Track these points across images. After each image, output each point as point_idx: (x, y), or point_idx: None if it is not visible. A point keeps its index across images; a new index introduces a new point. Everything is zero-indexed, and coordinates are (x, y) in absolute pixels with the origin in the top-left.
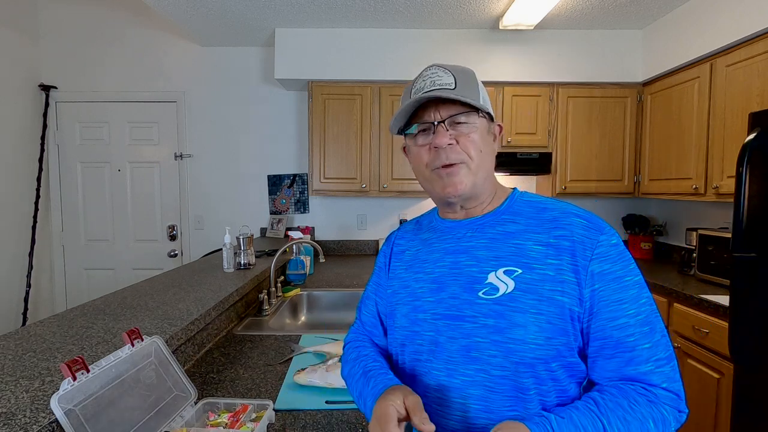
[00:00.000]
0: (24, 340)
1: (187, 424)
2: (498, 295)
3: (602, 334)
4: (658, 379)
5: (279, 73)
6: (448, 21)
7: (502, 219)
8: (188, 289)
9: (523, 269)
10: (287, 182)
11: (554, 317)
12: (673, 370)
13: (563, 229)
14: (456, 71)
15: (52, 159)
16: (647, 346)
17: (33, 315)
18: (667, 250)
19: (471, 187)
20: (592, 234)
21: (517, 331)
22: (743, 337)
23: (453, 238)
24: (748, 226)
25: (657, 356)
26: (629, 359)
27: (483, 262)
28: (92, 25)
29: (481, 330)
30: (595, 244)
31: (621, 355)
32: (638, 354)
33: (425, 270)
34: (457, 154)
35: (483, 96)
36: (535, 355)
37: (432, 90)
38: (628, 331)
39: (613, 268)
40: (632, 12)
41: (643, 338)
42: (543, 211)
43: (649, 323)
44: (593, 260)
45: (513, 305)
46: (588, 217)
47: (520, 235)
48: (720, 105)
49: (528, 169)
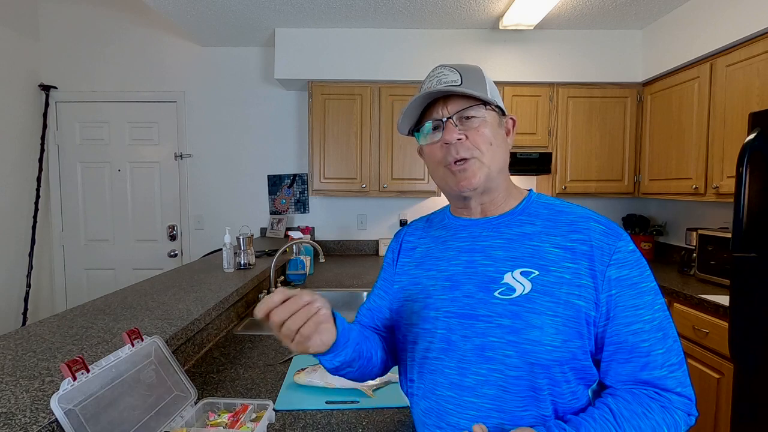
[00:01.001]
0: (24, 340)
1: (187, 424)
2: (514, 295)
3: (617, 338)
4: (672, 384)
5: (279, 73)
6: (448, 21)
7: (518, 220)
8: (188, 289)
9: (540, 271)
10: (287, 182)
11: (570, 320)
12: (684, 374)
13: (581, 233)
14: (462, 69)
15: (52, 159)
16: (661, 352)
17: (33, 315)
18: (667, 250)
19: (485, 179)
20: (611, 240)
21: (534, 333)
22: (743, 337)
23: (469, 237)
24: (748, 226)
25: (670, 361)
26: (644, 364)
27: (499, 262)
28: (92, 25)
29: (495, 330)
30: (613, 250)
31: (636, 360)
32: (653, 359)
33: (438, 267)
34: (467, 150)
35: (491, 90)
36: (552, 357)
37: (438, 87)
38: (643, 337)
39: (631, 274)
40: (632, 12)
41: (657, 343)
42: (560, 214)
43: (663, 329)
44: (611, 265)
45: (530, 306)
46: (606, 222)
47: (537, 237)
48: (720, 105)
49: (528, 169)
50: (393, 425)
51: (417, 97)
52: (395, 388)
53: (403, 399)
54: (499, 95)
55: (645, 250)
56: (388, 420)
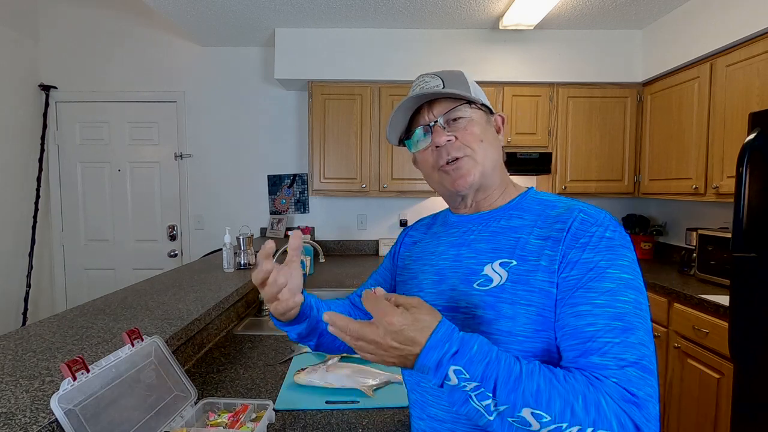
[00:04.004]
0: (24, 340)
1: (187, 424)
2: (491, 286)
3: (563, 322)
4: (610, 374)
5: (279, 73)
6: (448, 21)
7: (508, 214)
8: (188, 289)
9: (518, 261)
10: (287, 182)
11: (545, 309)
12: (640, 378)
13: (563, 222)
14: (443, 73)
15: (52, 159)
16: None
17: (33, 315)
18: (667, 250)
19: (480, 176)
20: (586, 226)
21: (505, 323)
22: (743, 337)
23: (458, 232)
24: (748, 226)
25: (622, 356)
26: (585, 350)
27: (482, 254)
28: (92, 25)
29: (471, 321)
30: (583, 235)
31: (579, 346)
32: (597, 346)
33: (431, 262)
34: (458, 150)
35: (474, 89)
36: (522, 347)
37: (421, 92)
38: (588, 320)
39: (595, 258)
40: (632, 12)
41: (608, 333)
42: (551, 208)
43: (626, 323)
44: (575, 248)
45: (503, 296)
46: (594, 213)
47: (523, 230)
48: (720, 105)
49: (528, 169)
50: (393, 425)
51: (401, 105)
52: (395, 388)
53: (403, 399)
54: (483, 94)
55: (645, 250)
56: (388, 420)
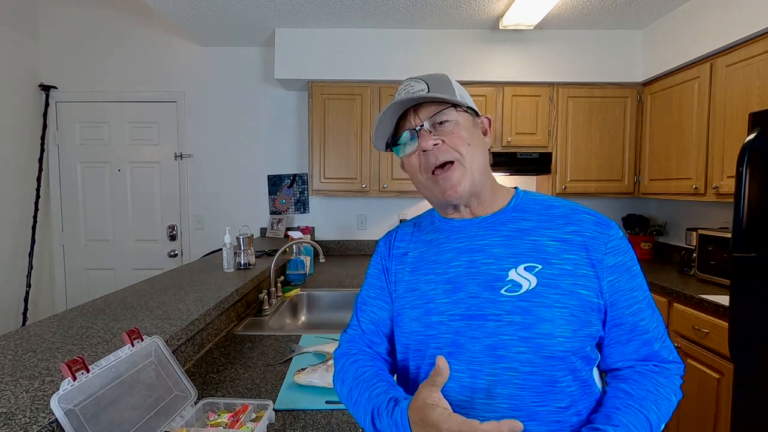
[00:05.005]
0: (24, 340)
1: (187, 424)
2: (521, 291)
3: (620, 320)
4: (666, 353)
5: (279, 73)
6: (448, 21)
7: (513, 216)
8: (188, 289)
9: (543, 265)
10: (287, 182)
11: (577, 310)
12: (669, 341)
13: (575, 225)
14: (428, 78)
15: (52, 159)
16: (655, 326)
17: (33, 315)
18: (667, 250)
19: (470, 185)
20: (603, 229)
21: (545, 326)
22: (743, 337)
23: (465, 237)
24: (748, 226)
25: (661, 333)
26: (645, 341)
27: (502, 259)
28: (92, 25)
29: (507, 328)
30: (607, 239)
31: (638, 338)
32: (652, 335)
33: (436, 271)
34: (446, 153)
35: (460, 93)
36: (564, 348)
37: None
38: (641, 316)
39: (624, 260)
40: (632, 12)
41: (651, 320)
42: (551, 208)
43: (651, 305)
44: (608, 254)
45: (538, 301)
46: (596, 214)
47: (534, 232)
48: (720, 105)
49: (528, 169)
50: None
51: (386, 111)
52: None
53: None
54: (469, 97)
55: (645, 250)
56: None
